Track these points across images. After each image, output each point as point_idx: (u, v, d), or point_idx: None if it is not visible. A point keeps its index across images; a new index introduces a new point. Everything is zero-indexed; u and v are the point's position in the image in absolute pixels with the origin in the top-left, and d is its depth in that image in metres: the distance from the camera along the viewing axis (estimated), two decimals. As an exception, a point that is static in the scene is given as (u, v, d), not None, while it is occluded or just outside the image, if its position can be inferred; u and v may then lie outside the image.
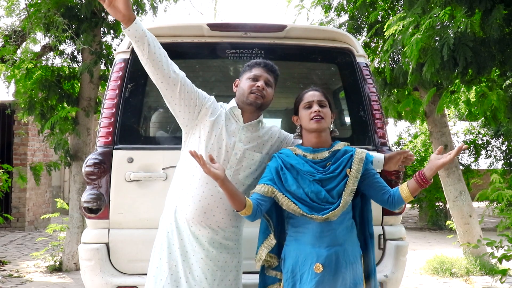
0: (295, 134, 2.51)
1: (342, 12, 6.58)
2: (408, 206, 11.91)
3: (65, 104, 6.17)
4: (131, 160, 2.89)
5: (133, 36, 2.23)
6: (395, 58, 5.57)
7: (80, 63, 6.19)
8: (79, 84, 6.29)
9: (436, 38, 4.12)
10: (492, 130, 11.28)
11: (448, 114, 10.08)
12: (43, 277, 5.95)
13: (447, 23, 4.12)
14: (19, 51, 6.25)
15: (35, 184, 7.96)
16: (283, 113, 4.21)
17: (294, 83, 3.72)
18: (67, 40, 5.82)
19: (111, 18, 6.17)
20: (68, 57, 6.22)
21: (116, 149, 2.91)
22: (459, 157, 11.05)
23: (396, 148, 12.37)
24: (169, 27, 3.16)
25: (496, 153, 11.92)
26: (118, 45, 4.62)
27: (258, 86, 2.43)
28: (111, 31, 6.26)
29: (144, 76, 2.83)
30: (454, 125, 11.76)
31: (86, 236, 2.91)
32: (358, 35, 6.37)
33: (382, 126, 3.13)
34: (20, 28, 6.09)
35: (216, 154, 2.37)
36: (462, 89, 6.20)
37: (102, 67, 6.26)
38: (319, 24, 6.60)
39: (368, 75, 3.20)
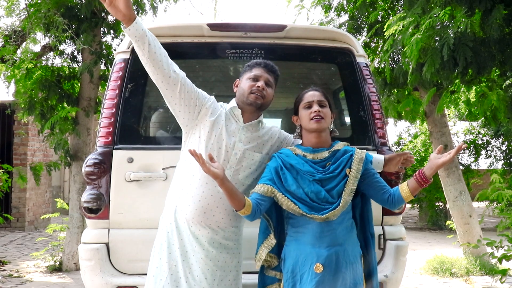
0: (295, 134, 2.51)
1: (342, 12, 6.58)
2: (408, 206, 11.91)
3: (65, 104, 6.17)
4: (131, 160, 2.89)
5: (133, 36, 2.23)
6: (395, 58, 5.57)
7: (80, 63, 6.19)
8: (79, 84, 6.30)
9: (436, 38, 4.12)
10: (492, 130, 11.27)
11: (448, 114, 10.08)
12: (43, 277, 5.95)
13: (447, 23, 4.12)
14: (19, 51, 6.25)
15: (35, 184, 7.96)
16: (283, 113, 4.21)
17: (294, 83, 3.72)
18: (67, 40, 5.82)
19: (111, 18, 6.17)
20: (68, 57, 6.22)
21: (116, 149, 2.91)
22: (459, 157, 11.05)
23: (396, 148, 12.36)
24: (169, 27, 3.16)
25: (496, 153, 11.93)
26: (118, 45, 4.63)
27: (258, 86, 2.43)
28: (111, 31, 6.27)
29: (144, 76, 2.84)
30: (454, 125, 11.76)
31: (86, 236, 2.91)
32: (358, 35, 6.36)
33: (382, 126, 3.13)
34: (20, 28, 6.09)
35: (216, 154, 2.37)
36: (462, 89, 6.20)
37: (102, 67, 6.26)
38: (319, 24, 6.60)
39: (368, 75, 3.20)
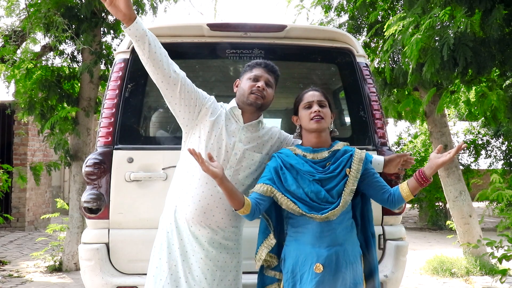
0: (295, 134, 2.51)
1: (342, 12, 6.58)
2: (408, 206, 11.90)
3: (65, 104, 6.17)
4: (131, 160, 2.89)
5: (133, 36, 2.23)
6: (395, 58, 5.57)
7: (80, 63, 6.19)
8: (79, 84, 6.30)
9: (436, 38, 4.11)
10: (492, 130, 11.27)
11: (448, 114, 10.08)
12: (43, 277, 5.95)
13: (447, 23, 4.12)
14: (19, 51, 6.25)
15: (35, 184, 7.96)
16: (283, 113, 4.21)
17: (294, 83, 3.72)
18: (67, 40, 5.82)
19: (111, 18, 6.17)
20: (68, 57, 6.22)
21: (116, 149, 2.91)
22: (459, 157, 11.05)
23: (396, 148, 12.36)
24: (169, 27, 3.16)
25: (496, 153, 11.92)
26: (118, 45, 4.62)
27: (258, 87, 2.43)
28: (111, 31, 6.27)
29: (144, 76, 2.84)
30: (454, 125, 11.76)
31: (86, 236, 2.91)
32: (358, 35, 6.36)
33: (382, 126, 3.13)
34: (20, 28, 6.09)
35: (216, 154, 2.37)
36: (462, 89, 6.20)
37: (102, 67, 6.26)
38: (319, 24, 6.60)
39: (368, 75, 3.20)
